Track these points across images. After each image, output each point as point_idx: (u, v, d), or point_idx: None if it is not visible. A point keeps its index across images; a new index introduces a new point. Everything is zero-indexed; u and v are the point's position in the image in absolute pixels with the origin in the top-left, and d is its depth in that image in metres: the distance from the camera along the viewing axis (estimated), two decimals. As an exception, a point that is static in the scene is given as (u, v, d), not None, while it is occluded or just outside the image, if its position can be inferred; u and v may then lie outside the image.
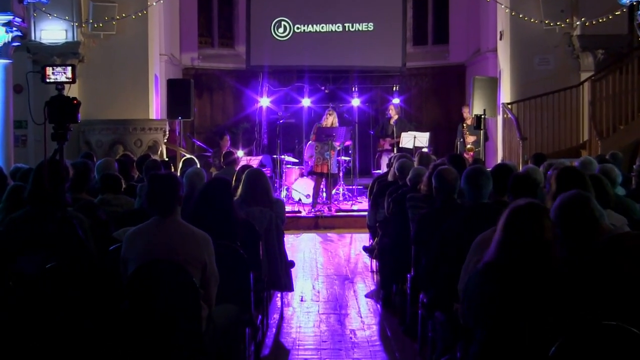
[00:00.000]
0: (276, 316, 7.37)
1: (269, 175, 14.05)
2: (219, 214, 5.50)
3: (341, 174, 14.55)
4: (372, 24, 17.23)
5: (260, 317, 5.93)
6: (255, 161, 13.30)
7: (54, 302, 4.46)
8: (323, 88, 17.28)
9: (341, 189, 14.62)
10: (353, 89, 17.38)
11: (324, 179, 13.76)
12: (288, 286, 6.99)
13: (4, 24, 11.07)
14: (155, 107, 14.10)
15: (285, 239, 7.30)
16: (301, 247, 11.41)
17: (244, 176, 6.89)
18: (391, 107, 15.30)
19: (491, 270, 3.56)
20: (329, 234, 12.49)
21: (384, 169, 13.85)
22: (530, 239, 3.49)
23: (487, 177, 5.22)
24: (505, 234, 3.56)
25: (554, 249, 3.51)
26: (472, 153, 13.89)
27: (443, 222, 5.18)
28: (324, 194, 14.08)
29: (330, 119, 13.77)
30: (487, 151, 13.85)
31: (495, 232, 3.67)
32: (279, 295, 7.80)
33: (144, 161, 8.57)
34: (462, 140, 14.64)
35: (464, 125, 14.66)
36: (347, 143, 14.62)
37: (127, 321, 4.42)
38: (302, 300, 8.02)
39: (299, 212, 13.42)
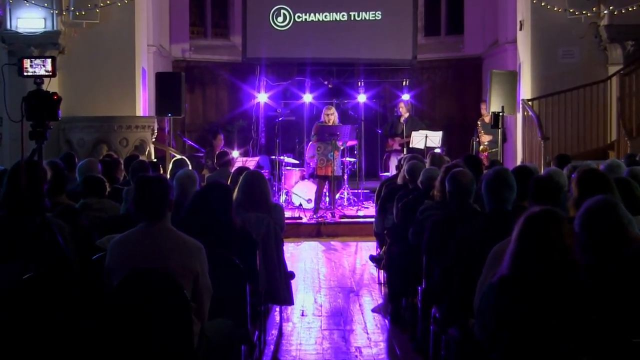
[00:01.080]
0: (275, 332, 7.36)
1: (267, 177, 14.08)
2: (216, 221, 5.51)
3: (346, 177, 14.55)
4: (379, 12, 17.25)
5: (257, 333, 5.93)
6: (251, 162, 13.31)
7: (31, 316, 4.45)
8: (326, 83, 17.28)
9: (346, 193, 14.62)
10: (359, 83, 17.37)
11: (327, 182, 13.76)
12: (287, 299, 6.99)
13: (-23, 12, 11.10)
14: (143, 103, 14.10)
15: (284, 247, 7.29)
16: (302, 256, 11.41)
17: (241, 178, 6.89)
18: (401, 103, 15.30)
19: (506, 285, 3.55)
20: (332, 243, 12.49)
21: (392, 171, 13.87)
22: (546, 249, 3.48)
23: (511, 184, 5.18)
24: (520, 245, 3.55)
25: (574, 260, 3.50)
26: (486, 153, 13.88)
27: (458, 229, 5.18)
28: (327, 199, 14.08)
29: (332, 118, 13.73)
30: (505, 152, 13.84)
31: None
32: (277, 309, 7.80)
33: (130, 162, 8.58)
34: (477, 139, 14.64)
35: (479, 123, 14.65)
36: (352, 143, 14.62)
37: (112, 337, 4.42)
38: (302, 315, 8.02)
39: (300, 218, 13.43)
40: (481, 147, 14.24)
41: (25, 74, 5.21)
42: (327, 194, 14.06)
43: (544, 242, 3.48)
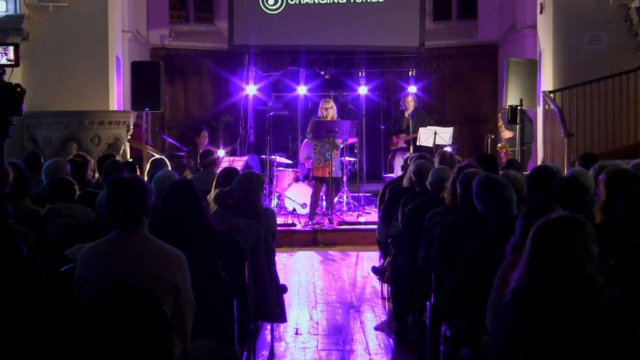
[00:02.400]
0: (265, 353, 7.37)
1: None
2: (189, 225, 5.51)
3: (345, 179, 14.55)
4: (383, -6, 17.27)
5: (245, 354, 5.92)
6: (239, 162, 13.32)
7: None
8: (323, 73, 17.29)
9: (345, 197, 14.63)
10: (360, 74, 17.41)
11: (324, 185, 13.76)
12: (280, 316, 6.99)
13: None
14: (117, 96, 14.10)
15: (276, 258, 7.30)
16: (296, 268, 11.42)
17: (236, 180, 6.89)
18: (406, 96, 15.28)
19: (521, 299, 3.55)
20: (330, 252, 12.50)
21: (397, 172, 13.87)
22: (564, 261, 3.48)
23: (503, 186, 5.22)
24: (533, 255, 3.56)
25: (594, 273, 3.50)
26: (504, 151, 13.87)
27: (470, 238, 5.19)
28: (324, 203, 14.09)
29: (330, 112, 13.73)
30: (525, 151, 13.83)
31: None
32: (268, 327, 7.80)
33: (104, 162, 8.57)
34: (493, 136, 14.61)
35: (500, 116, 14.58)
36: (352, 140, 14.61)
37: (82, 359, 4.42)
38: (297, 334, 8.02)
39: (294, 225, 13.44)
40: (499, 144, 14.19)
41: (-16, 63, 5.21)
42: (324, 197, 14.06)
43: (561, 254, 3.48)
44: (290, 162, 15.38)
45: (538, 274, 3.50)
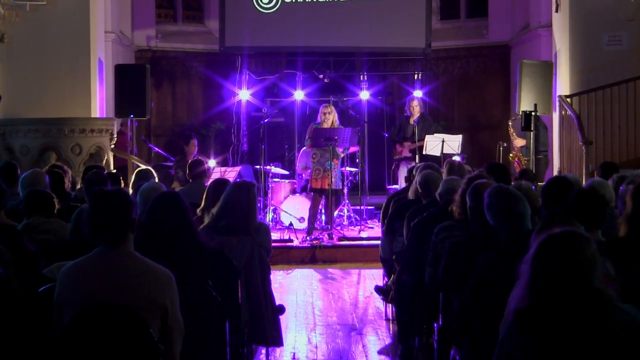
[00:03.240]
0: (260, 379, 7.37)
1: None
2: (177, 241, 5.51)
3: (346, 191, 14.56)
4: (386, -10, 17.30)
5: (238, 380, 5.92)
6: (231, 173, 13.31)
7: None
8: (322, 76, 17.31)
9: (346, 210, 14.63)
10: (361, 77, 17.43)
11: (323, 197, 13.75)
12: (276, 339, 6.99)
13: None
14: (99, 101, 14.11)
15: (272, 276, 7.30)
16: (293, 287, 11.42)
17: (227, 190, 6.89)
18: (412, 101, 15.27)
19: (524, 318, 3.58)
20: (330, 270, 12.50)
21: (402, 183, 13.85)
22: (568, 276, 3.51)
23: (516, 198, 5.23)
24: (536, 272, 3.59)
25: (602, 291, 3.53)
26: (517, 160, 13.87)
27: (481, 254, 5.19)
28: (323, 217, 14.09)
29: (330, 119, 13.73)
30: (541, 160, 13.83)
31: None
32: (263, 351, 7.79)
33: (86, 173, 8.58)
34: (505, 144, 14.59)
35: (511, 124, 14.56)
36: (354, 149, 14.62)
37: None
38: (294, 358, 8.02)
39: (290, 240, 13.43)
40: (511, 153, 14.17)
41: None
42: (323, 211, 14.06)
43: (566, 269, 3.51)
44: (287, 172, 15.38)
45: (542, 292, 3.53)
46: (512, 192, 5.37)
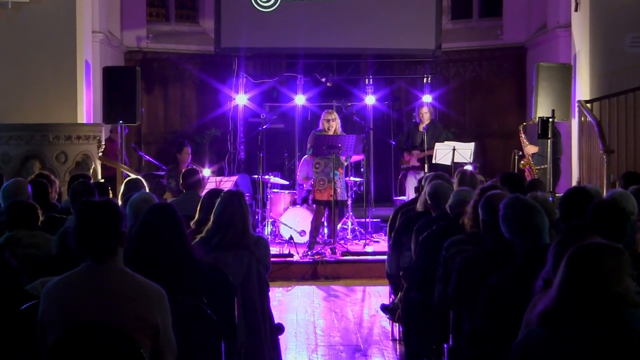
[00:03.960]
0: (257, 404, 7.36)
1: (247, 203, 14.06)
2: (169, 256, 5.52)
3: (350, 202, 14.56)
4: (393, -11, 17.32)
5: (235, 405, 5.92)
6: (227, 183, 13.32)
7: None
8: (324, 80, 17.31)
9: (350, 223, 14.64)
10: (367, 81, 17.45)
11: (326, 209, 13.74)
12: (274, 361, 7.00)
13: None
14: (86, 106, 14.13)
15: (271, 293, 7.31)
16: (293, 305, 11.42)
17: (218, 202, 6.89)
18: (421, 107, 15.28)
19: (552, 321, 3.62)
20: (332, 287, 12.50)
21: (410, 194, 13.86)
22: (595, 282, 3.55)
23: (534, 210, 5.23)
24: (566, 280, 3.63)
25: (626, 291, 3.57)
26: (527, 168, 13.86)
27: (494, 270, 5.20)
28: (326, 230, 14.09)
29: (333, 125, 13.70)
30: (556, 169, 13.82)
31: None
32: (261, 374, 7.81)
33: (72, 183, 8.59)
34: (520, 153, 14.58)
35: (521, 129, 14.52)
36: (358, 158, 14.63)
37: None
38: (294, 382, 8.02)
39: (291, 255, 13.44)
40: (522, 161, 14.16)
41: None
42: (325, 224, 14.06)
43: (594, 277, 3.56)
44: (287, 182, 15.41)
45: (571, 299, 3.56)
46: (529, 203, 5.37)
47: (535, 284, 4.45)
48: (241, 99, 17.12)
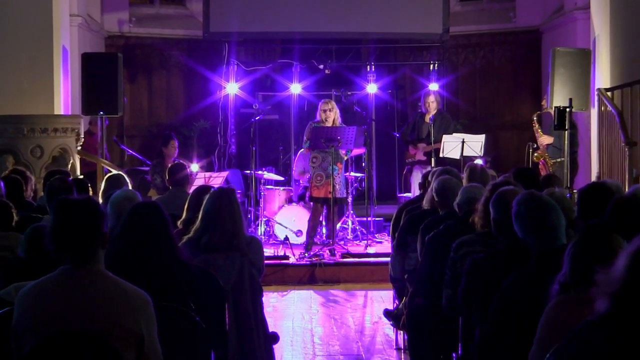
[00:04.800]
0: (251, 419, 7.37)
1: (239, 201, 14.06)
2: (155, 259, 5.53)
3: (350, 199, 14.56)
4: (396, -32, 17.32)
5: (226, 419, 5.93)
6: (217, 179, 13.33)
7: None
8: (322, 67, 17.30)
9: (350, 222, 14.64)
10: (368, 68, 17.43)
11: (324, 208, 13.73)
12: (269, 372, 7.01)
13: None
14: (64, 96, 14.11)
15: (264, 299, 7.31)
16: (289, 311, 11.43)
17: (206, 200, 6.90)
18: (427, 96, 15.25)
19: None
20: (331, 292, 12.50)
21: (415, 191, 13.87)
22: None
23: (550, 208, 5.24)
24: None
25: None
26: (541, 161, 13.84)
27: (507, 273, 5.21)
28: (324, 230, 14.09)
29: (331, 116, 13.66)
30: (573, 162, 13.82)
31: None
32: (254, 386, 7.81)
33: (48, 179, 8.59)
34: (535, 146, 14.56)
35: (535, 118, 14.49)
36: (359, 151, 14.61)
37: None
38: (290, 394, 8.03)
39: (286, 257, 13.43)
40: (536, 153, 14.13)
41: None
42: (324, 223, 14.06)
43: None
44: (282, 178, 15.41)
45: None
46: (545, 200, 5.37)
47: (551, 287, 4.45)
48: (232, 88, 17.11)
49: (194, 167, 14.20)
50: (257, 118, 15.35)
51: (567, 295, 4.18)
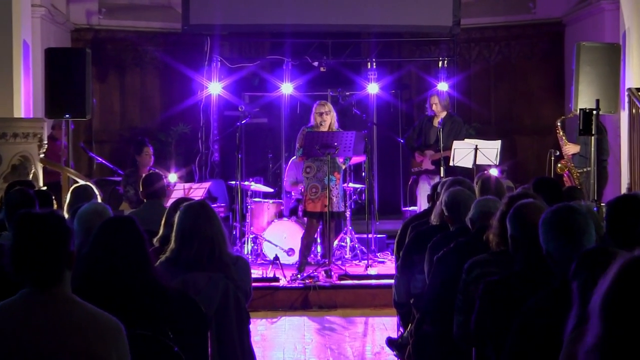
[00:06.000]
0: None
1: (222, 215, 14.06)
2: (128, 281, 5.53)
3: (349, 214, 14.56)
4: (401, -48, 17.34)
5: None
6: (198, 191, 13.34)
7: None
8: (316, 64, 17.32)
9: (348, 240, 14.65)
10: (369, 65, 17.44)
11: (320, 223, 13.71)
12: (256, 408, 7.01)
13: None
14: (24, 97, 14.11)
15: (252, 326, 7.32)
16: (279, 340, 11.44)
17: (178, 215, 6.90)
18: (434, 96, 15.27)
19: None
20: (327, 318, 12.51)
21: (422, 204, 13.89)
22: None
23: (586, 223, 5.24)
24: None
25: None
26: (566, 173, 13.83)
27: (526, 297, 5.21)
28: (319, 248, 14.09)
29: (328, 120, 13.61)
30: (601, 172, 13.83)
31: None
32: None
33: (7, 192, 8.59)
34: (558, 153, 14.54)
35: (559, 124, 14.48)
36: (359, 159, 14.60)
37: None
38: None
39: (276, 279, 13.42)
40: (559, 164, 14.13)
41: None
42: (319, 240, 14.05)
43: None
44: (271, 190, 15.42)
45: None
46: (581, 213, 5.35)
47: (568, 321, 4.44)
48: (215, 88, 17.10)
49: (172, 177, 14.23)
50: (243, 122, 15.35)
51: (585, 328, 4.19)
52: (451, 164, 14.07)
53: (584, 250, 4.74)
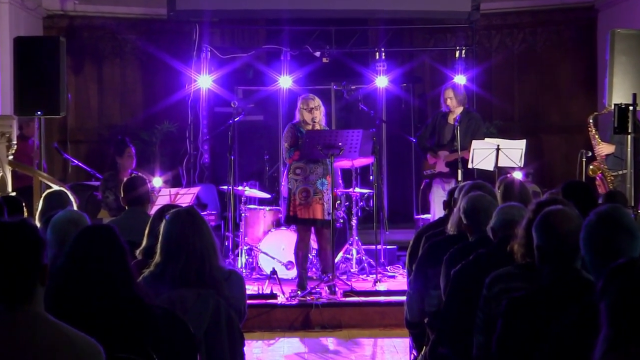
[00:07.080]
0: None
1: (213, 224, 14.06)
2: (108, 298, 5.53)
3: (355, 223, 14.56)
4: None
5: None
6: (186, 197, 13.35)
7: None
8: (318, 55, 17.32)
9: (354, 252, 14.65)
10: (377, 55, 17.44)
11: (311, 231, 13.65)
12: None
13: None
14: (-9, 92, 14.17)
15: (247, 348, 7.33)
16: (277, 365, 11.46)
17: (162, 225, 6.91)
18: (448, 90, 15.22)
19: None
20: (330, 339, 12.51)
21: (436, 212, 13.88)
22: None
23: (627, 233, 5.23)
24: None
25: None
26: (599, 175, 13.82)
27: (555, 315, 5.21)
28: (313, 259, 14.10)
29: (317, 115, 13.46)
30: (638, 175, 13.84)
31: None
32: None
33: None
34: (590, 154, 14.52)
35: (591, 121, 14.47)
36: (366, 161, 14.58)
37: None
38: None
39: (274, 296, 13.43)
40: (591, 166, 14.10)
41: None
42: (316, 252, 14.04)
43: None
44: (268, 196, 15.42)
45: None
46: (629, 220, 5.33)
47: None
48: (204, 81, 17.10)
49: (157, 181, 14.23)
50: (236, 119, 15.33)
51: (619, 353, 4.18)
52: (470, 166, 14.03)
53: (613, 265, 4.73)
